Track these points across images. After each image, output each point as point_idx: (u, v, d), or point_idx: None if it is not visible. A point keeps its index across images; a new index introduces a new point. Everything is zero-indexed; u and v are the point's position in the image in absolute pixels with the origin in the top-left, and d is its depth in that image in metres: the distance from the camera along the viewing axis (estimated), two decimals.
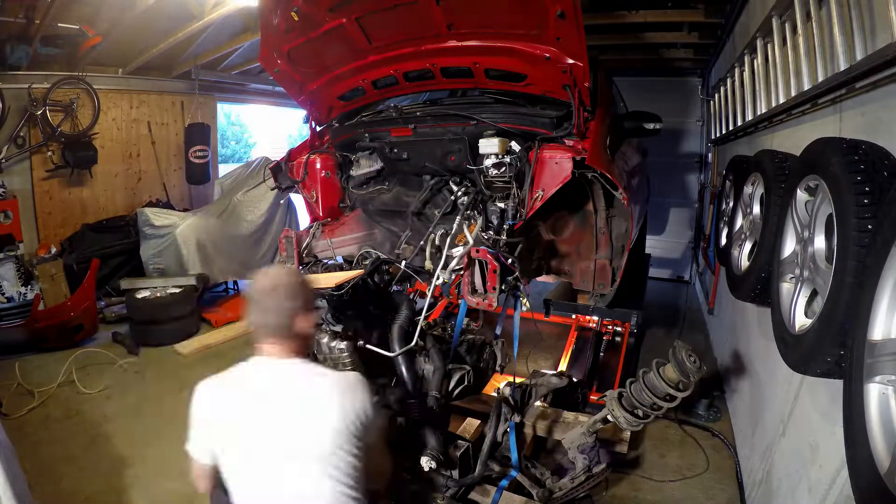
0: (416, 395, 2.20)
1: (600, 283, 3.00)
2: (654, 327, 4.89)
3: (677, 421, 3.27)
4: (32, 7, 4.61)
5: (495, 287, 2.20)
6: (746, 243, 2.73)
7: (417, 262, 2.81)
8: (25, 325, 4.30)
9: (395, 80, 2.94)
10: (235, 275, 5.74)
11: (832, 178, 1.49)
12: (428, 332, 2.47)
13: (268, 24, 2.81)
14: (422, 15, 2.42)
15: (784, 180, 2.09)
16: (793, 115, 2.34)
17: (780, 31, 2.39)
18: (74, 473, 2.87)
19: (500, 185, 2.47)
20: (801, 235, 1.86)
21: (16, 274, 4.73)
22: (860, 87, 1.57)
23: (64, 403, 3.63)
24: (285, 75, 3.12)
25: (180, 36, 5.28)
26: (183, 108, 6.96)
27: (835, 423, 1.52)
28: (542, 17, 2.21)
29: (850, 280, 1.34)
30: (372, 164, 3.22)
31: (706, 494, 2.68)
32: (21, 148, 5.34)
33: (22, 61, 5.04)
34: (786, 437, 2.09)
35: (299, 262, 3.08)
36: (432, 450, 2.12)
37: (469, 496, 2.33)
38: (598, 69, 2.99)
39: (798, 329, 1.76)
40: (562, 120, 2.55)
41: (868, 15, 1.52)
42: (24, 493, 2.02)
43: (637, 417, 2.28)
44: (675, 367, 2.13)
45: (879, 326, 1.20)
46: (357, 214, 3.47)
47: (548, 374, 2.91)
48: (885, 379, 1.18)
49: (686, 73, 6.22)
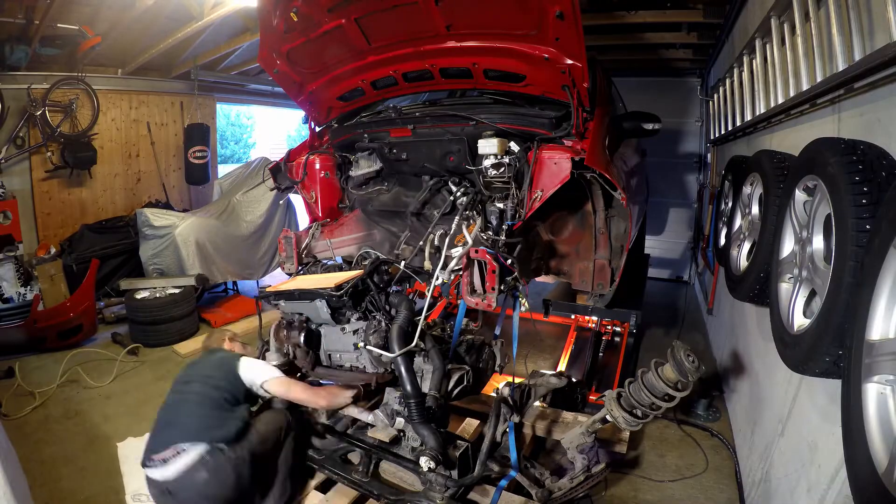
0: (416, 396, 2.20)
1: (599, 284, 3.00)
2: (654, 327, 4.90)
3: (676, 421, 3.27)
4: (32, 7, 4.62)
5: (494, 287, 2.20)
6: (745, 243, 2.73)
7: (416, 263, 2.81)
8: (25, 325, 4.29)
9: (394, 80, 2.94)
10: (235, 275, 5.74)
11: (830, 179, 1.49)
12: (427, 332, 2.47)
13: (267, 24, 2.81)
14: (421, 16, 2.42)
15: (783, 180, 2.09)
16: (791, 115, 2.34)
17: (779, 31, 2.40)
18: (74, 474, 2.87)
19: (499, 186, 2.47)
20: (800, 235, 1.86)
21: (15, 274, 4.73)
22: (858, 87, 1.57)
23: (64, 404, 3.63)
24: (284, 76, 3.12)
25: (179, 36, 5.29)
26: (182, 108, 6.97)
27: (833, 423, 1.53)
28: (540, 17, 2.21)
29: (848, 280, 1.34)
30: (371, 164, 3.22)
31: (705, 494, 2.68)
32: (20, 148, 5.34)
33: (21, 62, 5.04)
34: (785, 437, 2.09)
35: (298, 263, 3.08)
36: (431, 450, 2.12)
37: (468, 496, 2.33)
38: (596, 69, 2.99)
39: (797, 329, 1.76)
40: (561, 120, 2.55)
41: (866, 15, 1.52)
42: (23, 494, 2.02)
43: (636, 417, 2.28)
44: (673, 366, 2.13)
45: (877, 326, 1.20)
46: (356, 215, 3.48)
47: (547, 375, 2.91)
48: (883, 378, 1.19)
49: (685, 74, 6.22)
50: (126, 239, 5.58)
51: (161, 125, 6.81)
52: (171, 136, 6.94)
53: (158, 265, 5.21)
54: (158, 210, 5.58)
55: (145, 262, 5.24)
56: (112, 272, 5.50)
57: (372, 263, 2.68)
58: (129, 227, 5.63)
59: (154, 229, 5.20)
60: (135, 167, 6.59)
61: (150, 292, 4.83)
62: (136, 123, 6.52)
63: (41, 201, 5.65)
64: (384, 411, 2.48)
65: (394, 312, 2.46)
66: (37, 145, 5.47)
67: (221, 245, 5.44)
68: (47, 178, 5.67)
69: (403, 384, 2.21)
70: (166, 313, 4.65)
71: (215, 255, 5.37)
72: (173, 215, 5.44)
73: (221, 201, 5.88)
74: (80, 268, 5.06)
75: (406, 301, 2.45)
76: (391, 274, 2.70)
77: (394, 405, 2.45)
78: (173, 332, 4.70)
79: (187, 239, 5.14)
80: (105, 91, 6.03)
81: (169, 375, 4.09)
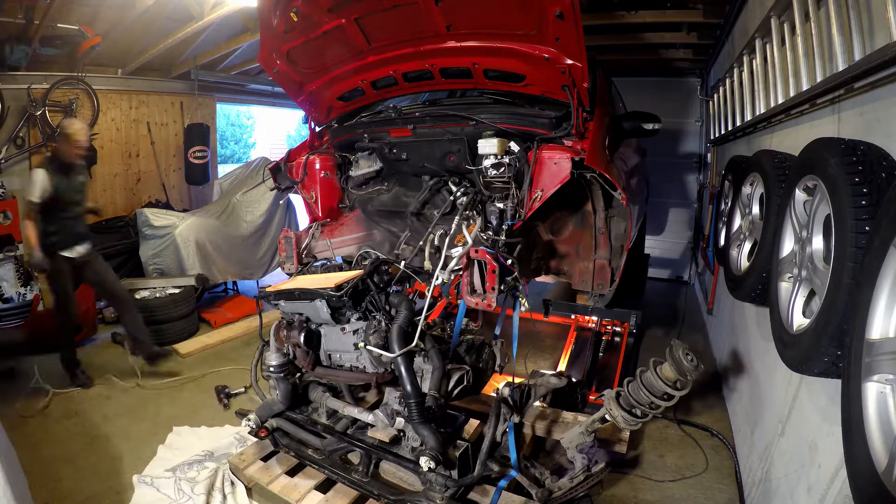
0: (416, 396, 2.20)
1: (599, 284, 3.00)
2: (654, 327, 4.90)
3: (676, 421, 3.27)
4: (32, 7, 4.62)
5: (494, 287, 2.20)
6: (745, 243, 2.74)
7: (416, 263, 2.81)
8: (25, 325, 4.29)
9: (394, 80, 2.94)
10: (235, 275, 5.74)
11: (830, 179, 1.49)
12: (427, 332, 2.47)
13: (267, 24, 2.81)
14: (421, 15, 2.42)
15: (783, 180, 2.09)
16: (791, 115, 2.34)
17: (779, 31, 2.40)
18: (74, 474, 2.86)
19: (499, 186, 2.47)
20: (800, 235, 1.86)
21: (15, 274, 4.72)
22: (859, 87, 1.57)
23: (63, 404, 3.63)
24: (284, 76, 3.12)
25: (180, 36, 5.29)
26: (182, 108, 6.97)
27: (833, 423, 1.53)
28: (540, 17, 2.21)
29: (847, 280, 1.34)
30: (371, 164, 3.22)
31: (705, 494, 2.68)
32: (20, 148, 5.34)
33: (21, 62, 5.05)
34: (785, 437, 2.09)
35: (298, 263, 3.08)
36: (431, 450, 2.12)
37: (468, 496, 2.33)
38: (596, 69, 2.99)
39: (796, 329, 1.76)
40: (561, 120, 2.55)
41: (866, 15, 1.52)
42: (23, 494, 2.02)
43: (635, 417, 2.27)
44: (672, 365, 2.13)
45: (877, 326, 1.20)
46: (356, 215, 3.48)
47: (547, 375, 2.91)
48: (882, 378, 1.19)
49: (685, 74, 6.22)
50: (126, 239, 5.57)
51: (161, 125, 6.81)
52: (171, 136, 6.94)
53: (158, 265, 5.21)
54: (158, 210, 5.58)
55: (145, 262, 5.24)
56: None
57: (372, 263, 2.68)
58: (129, 227, 5.63)
59: (154, 229, 5.20)
60: (135, 167, 6.59)
61: (150, 292, 4.83)
62: (136, 123, 6.52)
63: None
64: (384, 411, 2.48)
65: (394, 312, 2.46)
66: (37, 145, 5.47)
67: (221, 245, 5.44)
68: None
69: (403, 384, 2.21)
70: (166, 313, 4.64)
71: (215, 255, 5.37)
72: (173, 215, 5.44)
73: (221, 201, 5.88)
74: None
75: (406, 301, 2.45)
76: (391, 274, 2.70)
77: (394, 405, 2.45)
78: (173, 332, 4.70)
79: (187, 239, 5.14)
80: (105, 91, 6.03)
81: (168, 375, 4.10)
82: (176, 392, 3.82)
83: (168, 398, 3.72)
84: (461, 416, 2.79)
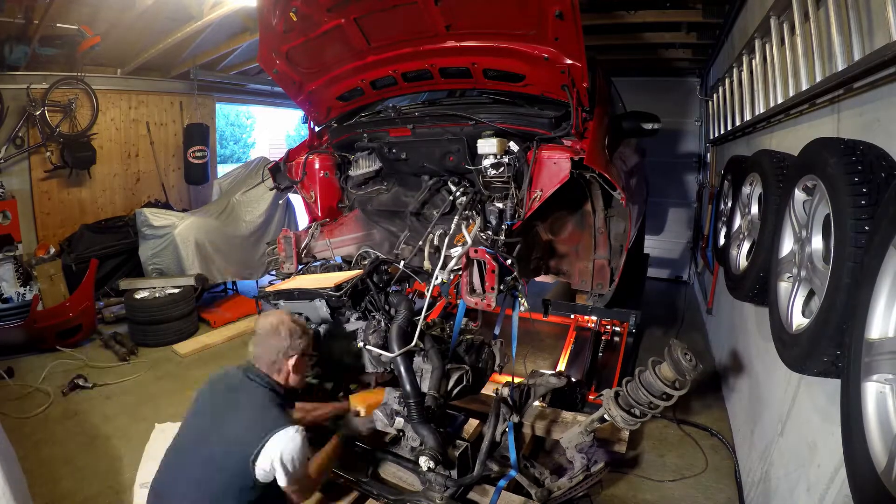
0: (415, 395, 2.20)
1: (599, 283, 3.00)
2: (653, 327, 4.90)
3: (676, 421, 3.27)
4: (31, 7, 4.61)
5: (494, 287, 2.20)
6: (745, 243, 2.73)
7: (416, 263, 2.81)
8: (24, 325, 4.29)
9: (393, 80, 2.94)
10: (234, 275, 5.74)
11: (829, 179, 1.49)
12: (426, 332, 2.47)
13: (266, 24, 2.81)
14: (420, 15, 2.42)
15: (782, 180, 2.09)
16: (791, 115, 2.34)
17: (779, 31, 2.40)
18: (73, 474, 2.86)
19: (499, 186, 2.47)
20: (799, 235, 1.86)
21: (14, 274, 4.72)
22: (858, 87, 1.57)
23: (63, 404, 3.63)
24: (284, 76, 3.12)
25: (179, 36, 5.28)
26: (182, 108, 6.96)
27: (833, 423, 1.53)
28: (540, 17, 2.21)
29: (847, 280, 1.34)
30: (370, 164, 3.22)
31: (705, 494, 2.68)
32: (20, 148, 5.33)
33: (20, 61, 5.04)
34: (784, 437, 2.09)
35: (298, 262, 3.08)
36: (431, 449, 2.12)
37: (468, 496, 2.33)
38: (596, 69, 2.99)
39: (795, 328, 1.76)
40: (560, 120, 2.55)
41: (866, 15, 1.52)
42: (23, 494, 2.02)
43: (634, 416, 2.28)
44: (670, 365, 2.13)
45: (876, 325, 1.20)
46: (356, 215, 3.48)
47: (546, 374, 2.91)
48: (882, 377, 1.19)
49: (684, 74, 6.22)
50: (125, 239, 5.57)
51: (160, 125, 6.80)
52: (170, 136, 6.94)
53: (158, 265, 5.21)
54: (158, 210, 5.58)
55: (145, 262, 5.24)
56: (111, 272, 5.50)
57: (371, 263, 2.68)
58: (129, 227, 5.63)
59: (153, 229, 5.20)
60: (134, 167, 6.58)
61: (149, 292, 4.83)
62: (135, 123, 6.51)
63: (40, 201, 5.65)
64: (384, 411, 2.47)
65: (393, 312, 2.46)
66: (36, 145, 5.46)
67: (221, 245, 5.44)
68: (47, 178, 5.67)
69: (403, 384, 2.21)
70: (166, 313, 4.64)
71: (215, 254, 5.36)
72: (173, 215, 5.44)
73: (221, 201, 5.88)
74: (79, 268, 5.06)
75: (405, 301, 2.45)
76: (391, 274, 2.70)
77: (393, 405, 2.44)
78: (173, 332, 4.70)
79: (187, 239, 5.14)
80: (104, 91, 6.02)
81: (168, 375, 4.10)
82: (176, 392, 3.81)
83: (168, 398, 3.71)
84: (460, 416, 2.79)
